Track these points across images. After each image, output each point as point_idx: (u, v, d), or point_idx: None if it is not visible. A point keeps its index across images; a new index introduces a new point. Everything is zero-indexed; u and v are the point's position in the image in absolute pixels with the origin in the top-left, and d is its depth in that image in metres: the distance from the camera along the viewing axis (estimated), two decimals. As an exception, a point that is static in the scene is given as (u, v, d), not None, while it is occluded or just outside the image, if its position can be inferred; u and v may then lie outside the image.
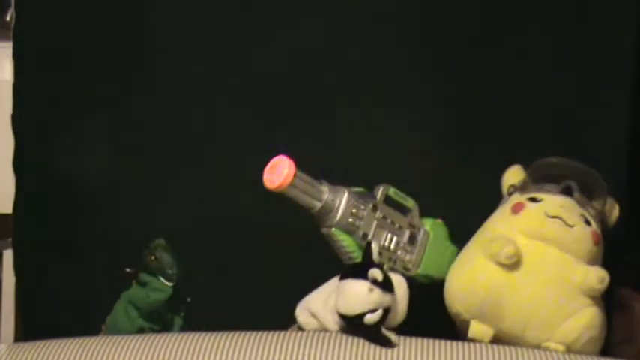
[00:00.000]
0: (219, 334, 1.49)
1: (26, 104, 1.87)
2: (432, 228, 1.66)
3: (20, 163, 1.88)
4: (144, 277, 1.66)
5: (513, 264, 1.52)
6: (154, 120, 1.83)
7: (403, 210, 1.63)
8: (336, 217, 1.54)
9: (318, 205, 1.54)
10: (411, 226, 1.63)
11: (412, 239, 1.63)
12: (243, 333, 1.49)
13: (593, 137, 1.74)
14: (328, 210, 1.54)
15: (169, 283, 1.66)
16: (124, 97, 1.84)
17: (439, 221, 1.68)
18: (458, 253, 1.65)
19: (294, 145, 1.63)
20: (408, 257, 1.62)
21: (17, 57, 1.86)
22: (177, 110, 1.82)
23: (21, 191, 1.89)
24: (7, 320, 1.97)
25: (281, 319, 1.65)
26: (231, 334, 1.49)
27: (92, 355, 1.48)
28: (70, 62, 1.85)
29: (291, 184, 1.51)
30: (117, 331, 1.65)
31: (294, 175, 1.50)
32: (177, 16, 1.81)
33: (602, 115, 1.74)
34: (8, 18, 1.93)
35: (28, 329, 1.88)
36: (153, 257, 1.65)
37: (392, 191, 1.62)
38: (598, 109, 1.75)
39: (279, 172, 1.51)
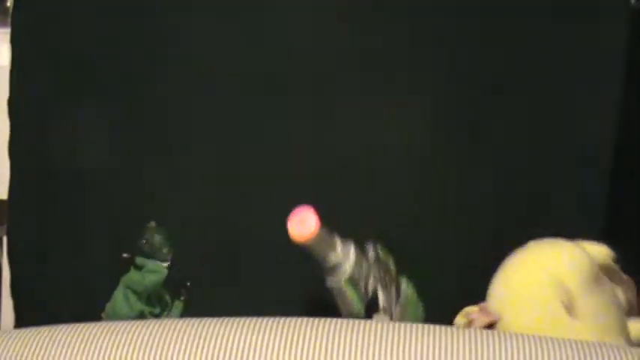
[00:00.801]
0: (220, 319, 1.48)
1: (22, 90, 1.87)
2: (407, 284, 1.70)
3: (16, 149, 1.87)
4: (140, 260, 1.68)
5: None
6: (152, 106, 1.83)
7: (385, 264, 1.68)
8: (347, 270, 1.59)
9: (333, 257, 1.58)
10: (394, 280, 1.67)
11: (397, 293, 1.67)
12: (243, 319, 1.49)
13: (588, 137, 1.76)
14: (341, 262, 1.59)
15: (164, 264, 1.67)
16: (121, 83, 1.83)
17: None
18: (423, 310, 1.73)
19: (293, 142, 1.64)
20: (393, 310, 1.66)
21: (14, 43, 1.86)
22: (176, 96, 1.82)
23: (16, 177, 1.88)
24: (7, 307, 1.96)
25: (278, 308, 1.65)
26: (232, 319, 1.49)
27: (91, 341, 1.47)
28: (67, 48, 1.85)
29: (316, 237, 1.55)
30: (117, 317, 1.65)
31: (320, 228, 1.54)
32: (178, 8, 1.81)
33: (598, 115, 1.76)
34: (8, 4, 1.92)
35: (25, 316, 1.87)
36: (144, 241, 1.67)
37: (378, 247, 1.67)
38: (594, 108, 1.76)
39: (306, 224, 1.54)
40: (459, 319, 1.65)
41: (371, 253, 1.64)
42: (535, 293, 1.56)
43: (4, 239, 1.90)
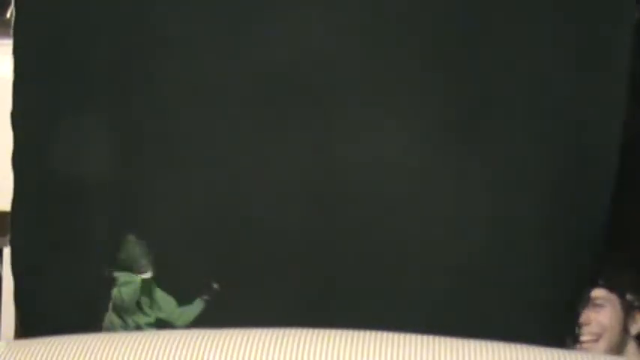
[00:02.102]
0: (219, 331, 1.48)
1: (25, 101, 1.87)
2: None
3: (19, 160, 1.87)
4: (115, 275, 1.69)
5: None
6: (154, 118, 1.82)
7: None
8: None
9: None
10: None
11: None
12: (242, 330, 1.48)
13: (588, 138, 1.75)
14: None
15: (145, 275, 1.69)
16: (124, 94, 1.83)
17: None
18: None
19: (294, 145, 1.63)
20: None
21: (16, 54, 1.86)
22: (179, 108, 1.81)
23: (19, 188, 1.88)
24: (7, 317, 1.96)
25: (276, 320, 1.65)
26: (231, 331, 1.48)
27: (92, 352, 1.47)
28: (69, 59, 1.85)
29: None
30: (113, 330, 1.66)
31: None
32: (179, 15, 1.81)
33: (599, 115, 1.75)
34: (8, 15, 1.92)
35: (28, 327, 1.87)
36: (123, 256, 1.68)
37: None
38: (595, 109, 1.75)
39: None
40: None
41: None
42: None
43: (4, 250, 1.91)
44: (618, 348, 2.02)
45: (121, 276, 1.68)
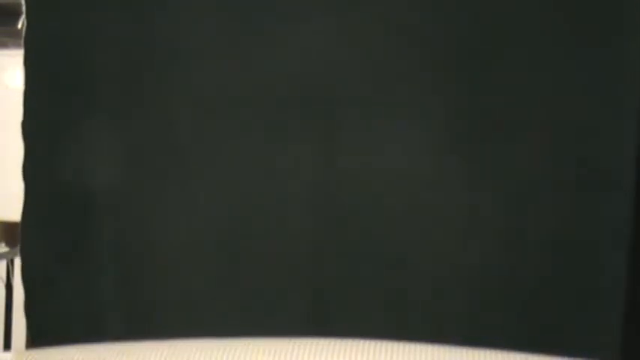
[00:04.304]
0: (226, 341, 1.49)
1: (36, 112, 1.88)
2: None
3: (29, 171, 1.88)
4: None
5: None
6: (163, 128, 1.83)
7: None
8: None
9: None
10: None
11: None
12: (247, 340, 1.49)
13: (598, 144, 1.74)
14: None
15: None
16: (134, 104, 1.84)
17: None
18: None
19: (296, 156, 1.64)
20: None
21: (27, 65, 1.87)
22: (187, 118, 1.82)
23: (30, 199, 1.89)
24: (18, 327, 1.97)
25: (281, 324, 1.66)
26: (237, 341, 1.49)
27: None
28: (79, 70, 1.86)
29: None
30: None
31: None
32: (185, 29, 1.81)
33: (612, 127, 1.74)
34: (19, 26, 1.93)
35: (37, 337, 1.88)
36: None
37: None
38: (603, 113, 1.75)
39: None
40: None
41: None
42: None
43: (16, 260, 1.90)
44: None
45: None
